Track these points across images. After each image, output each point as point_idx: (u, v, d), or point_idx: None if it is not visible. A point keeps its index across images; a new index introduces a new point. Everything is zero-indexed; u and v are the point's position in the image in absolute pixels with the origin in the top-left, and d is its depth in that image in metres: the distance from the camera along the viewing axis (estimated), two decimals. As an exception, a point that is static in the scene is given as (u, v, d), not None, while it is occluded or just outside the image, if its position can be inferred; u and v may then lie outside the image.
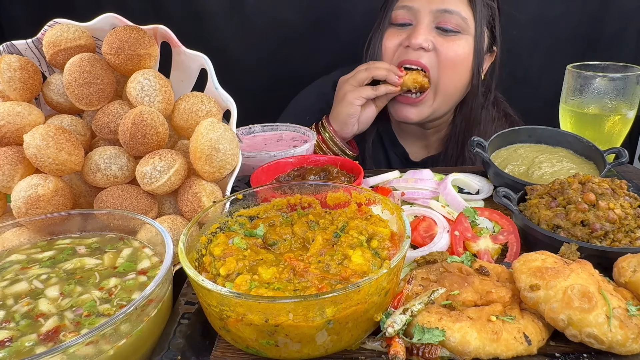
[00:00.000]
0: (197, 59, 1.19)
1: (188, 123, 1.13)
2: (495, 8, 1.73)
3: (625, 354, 0.75)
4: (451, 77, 1.69)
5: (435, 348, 0.75)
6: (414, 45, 1.63)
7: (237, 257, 0.84)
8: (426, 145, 1.98)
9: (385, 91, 1.66)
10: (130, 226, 0.99)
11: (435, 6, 1.62)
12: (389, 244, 0.88)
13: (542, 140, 1.45)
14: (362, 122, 1.75)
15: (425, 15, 1.63)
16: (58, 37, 1.10)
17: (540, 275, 0.80)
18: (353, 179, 1.27)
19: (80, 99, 1.09)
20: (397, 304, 0.82)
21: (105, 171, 1.07)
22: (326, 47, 2.29)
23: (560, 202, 1.05)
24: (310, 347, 0.76)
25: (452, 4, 1.62)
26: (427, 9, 1.63)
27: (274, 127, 1.68)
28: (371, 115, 1.75)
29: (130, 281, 0.86)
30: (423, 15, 1.64)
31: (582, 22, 2.28)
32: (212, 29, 2.28)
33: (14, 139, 1.04)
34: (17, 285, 0.86)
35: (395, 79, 1.64)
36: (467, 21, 1.63)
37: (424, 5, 1.63)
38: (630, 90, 1.50)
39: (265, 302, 0.70)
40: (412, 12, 1.66)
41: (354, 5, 2.25)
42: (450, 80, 1.70)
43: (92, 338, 0.68)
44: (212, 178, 1.09)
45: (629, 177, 1.31)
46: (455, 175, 1.35)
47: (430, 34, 1.64)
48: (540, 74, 2.39)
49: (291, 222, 0.98)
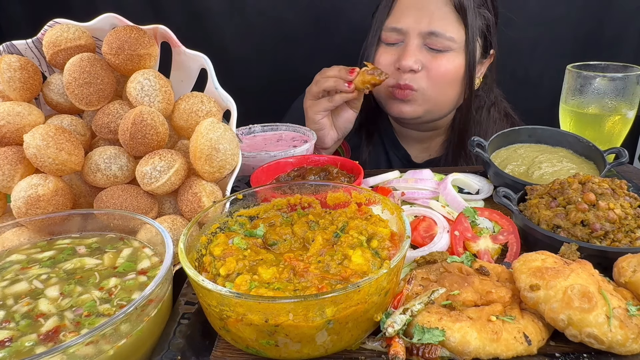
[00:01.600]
0: (197, 59, 1.19)
1: (188, 123, 1.13)
2: (490, 15, 1.71)
3: (625, 354, 0.75)
4: (441, 90, 1.69)
5: (435, 348, 0.75)
6: (404, 68, 1.63)
7: (237, 257, 0.84)
8: (427, 148, 1.98)
9: (341, 100, 1.61)
10: (130, 226, 0.99)
11: (424, 28, 1.61)
12: (389, 244, 0.88)
13: (542, 140, 1.45)
14: (340, 127, 1.70)
15: (413, 37, 1.63)
16: (58, 37, 1.10)
17: (540, 275, 0.80)
18: (353, 179, 1.27)
19: (80, 99, 1.09)
20: (397, 304, 0.82)
21: (105, 171, 1.07)
22: (326, 47, 2.29)
23: (560, 202, 1.05)
24: (310, 347, 0.76)
25: (440, 25, 1.60)
26: (415, 30, 1.62)
27: (274, 127, 1.68)
28: (349, 117, 1.70)
29: (130, 281, 0.86)
30: (411, 37, 1.63)
31: (582, 23, 2.28)
32: (212, 29, 2.28)
33: (14, 139, 1.04)
34: (17, 285, 0.86)
35: (345, 87, 1.57)
36: (455, 39, 1.62)
37: (412, 26, 1.62)
38: (630, 90, 1.50)
39: (265, 302, 0.70)
40: (402, 33, 1.65)
41: (354, 5, 2.25)
42: (441, 93, 1.70)
43: (92, 338, 0.68)
44: (212, 178, 1.09)
45: (629, 177, 1.31)
46: (455, 175, 1.35)
47: (419, 53, 1.64)
48: (540, 74, 2.39)
49: (291, 222, 0.98)
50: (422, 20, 1.61)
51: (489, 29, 1.72)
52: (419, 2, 1.62)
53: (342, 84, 1.57)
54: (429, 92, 1.68)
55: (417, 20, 1.62)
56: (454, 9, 1.61)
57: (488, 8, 1.70)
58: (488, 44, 1.75)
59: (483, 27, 1.69)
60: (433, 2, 1.61)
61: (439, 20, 1.60)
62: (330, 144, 1.72)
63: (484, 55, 1.77)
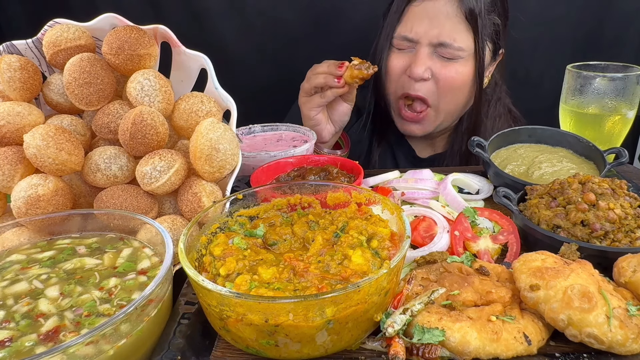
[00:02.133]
0: (197, 59, 1.19)
1: (188, 123, 1.13)
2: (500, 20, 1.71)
3: (625, 354, 0.75)
4: (451, 98, 1.71)
5: (435, 348, 0.75)
6: (414, 76, 1.64)
7: (237, 257, 0.84)
8: (432, 144, 1.99)
9: (332, 95, 1.63)
10: (130, 226, 0.99)
11: (434, 38, 1.62)
12: (389, 244, 0.88)
13: (542, 140, 1.45)
14: (336, 120, 1.73)
15: (424, 45, 1.64)
16: (58, 37, 1.10)
17: (540, 275, 0.80)
18: (353, 179, 1.27)
19: (80, 99, 1.09)
20: (397, 304, 0.82)
21: (105, 171, 1.07)
22: (326, 47, 2.29)
23: (560, 202, 1.05)
24: (310, 347, 0.76)
25: (449, 35, 1.61)
26: (425, 39, 1.63)
27: (274, 127, 1.69)
28: (345, 111, 1.72)
29: (130, 281, 0.86)
30: (422, 45, 1.64)
31: (582, 23, 2.28)
32: (212, 29, 2.27)
33: (14, 139, 1.04)
34: (17, 285, 0.86)
35: (334, 82, 1.59)
36: (464, 49, 1.63)
37: (423, 36, 1.63)
38: (630, 90, 1.50)
39: (265, 302, 0.70)
40: (412, 41, 1.67)
41: (354, 5, 2.25)
42: (451, 101, 1.72)
43: (92, 338, 0.68)
44: (212, 178, 1.09)
45: (629, 177, 1.31)
46: (455, 175, 1.35)
47: (429, 61, 1.65)
48: (540, 74, 2.39)
49: (291, 222, 0.98)
50: (433, 30, 1.62)
51: (498, 34, 1.72)
52: (430, 10, 1.63)
53: (331, 79, 1.59)
54: (440, 105, 1.70)
55: (428, 30, 1.63)
56: (465, 18, 1.61)
57: (498, 12, 1.70)
58: (497, 47, 1.76)
59: (492, 33, 1.70)
60: (443, 12, 1.61)
61: (449, 30, 1.61)
62: (328, 138, 1.75)
63: (493, 58, 1.78)
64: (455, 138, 1.90)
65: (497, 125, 1.85)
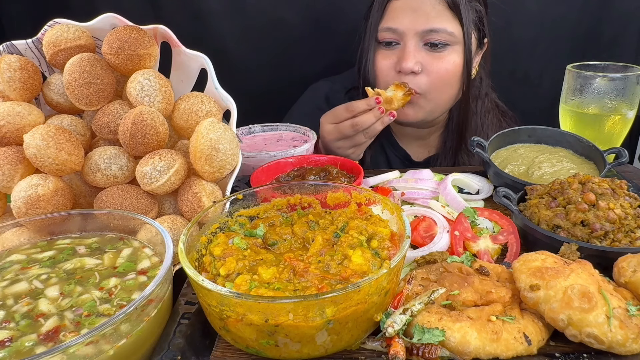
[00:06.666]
0: (197, 59, 1.19)
1: (188, 123, 1.13)
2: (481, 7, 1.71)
3: (625, 354, 0.75)
4: (442, 90, 1.70)
5: (435, 348, 0.75)
6: (404, 70, 1.62)
7: (237, 257, 0.84)
8: (426, 144, 1.98)
9: (382, 127, 1.59)
10: (130, 226, 0.99)
11: (421, 27, 1.61)
12: (389, 244, 0.88)
13: (542, 140, 1.45)
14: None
15: (411, 37, 1.62)
16: (58, 37, 1.10)
17: (540, 275, 0.80)
18: (353, 179, 1.27)
19: (80, 99, 1.09)
20: (397, 304, 0.82)
21: (105, 171, 1.07)
22: (326, 47, 2.29)
23: (560, 202, 1.05)
24: (310, 347, 0.76)
25: (437, 21, 1.60)
26: (412, 30, 1.62)
27: (274, 127, 1.69)
28: None
29: (130, 281, 0.86)
30: (409, 37, 1.63)
31: (582, 22, 2.28)
32: (212, 29, 2.27)
33: (14, 139, 1.04)
34: (17, 285, 0.86)
35: (388, 118, 1.57)
36: (454, 34, 1.62)
37: (409, 27, 1.62)
38: (630, 90, 1.50)
39: (265, 302, 0.70)
40: (397, 33, 1.65)
41: (354, 5, 2.24)
42: (442, 92, 1.71)
43: (92, 338, 0.68)
44: (212, 178, 1.09)
45: (629, 177, 1.31)
46: (455, 175, 1.35)
47: (418, 54, 1.63)
48: (540, 74, 2.39)
49: (291, 222, 0.98)
50: (419, 20, 1.61)
51: (482, 20, 1.73)
52: (413, 3, 1.62)
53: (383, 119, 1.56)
54: (431, 95, 1.69)
55: (413, 21, 1.61)
56: (448, 6, 1.61)
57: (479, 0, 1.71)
58: (482, 34, 1.76)
59: (476, 20, 1.70)
60: (427, 2, 1.61)
61: (435, 17, 1.61)
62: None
63: (479, 46, 1.78)
64: (447, 136, 1.89)
65: (487, 120, 1.85)
